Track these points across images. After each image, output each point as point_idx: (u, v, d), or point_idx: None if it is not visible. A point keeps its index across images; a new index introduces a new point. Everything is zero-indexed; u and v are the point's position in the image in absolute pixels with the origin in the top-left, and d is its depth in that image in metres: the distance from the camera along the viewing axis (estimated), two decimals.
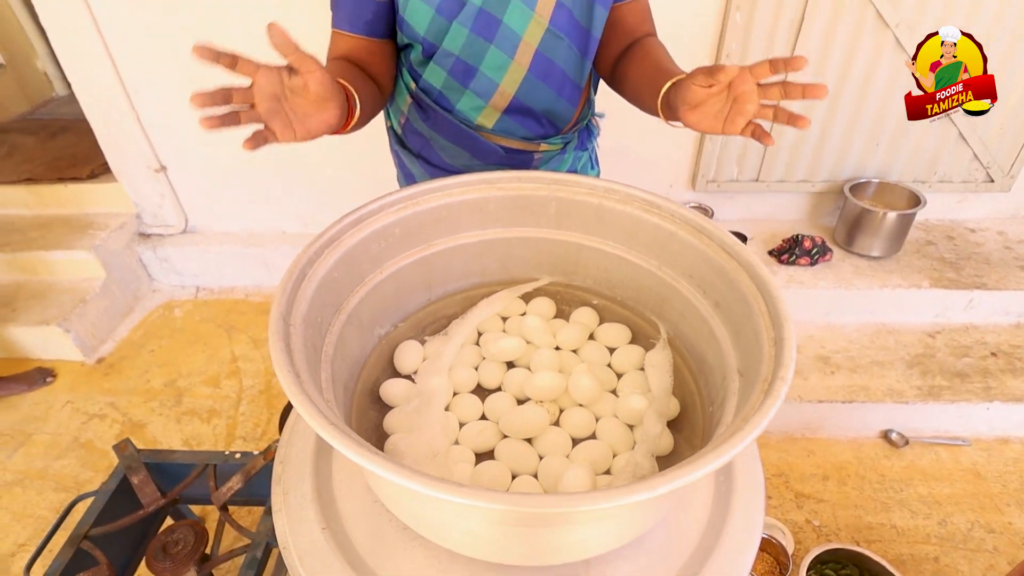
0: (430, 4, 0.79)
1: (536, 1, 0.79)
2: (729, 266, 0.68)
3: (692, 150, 1.98)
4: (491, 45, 0.82)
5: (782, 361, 0.52)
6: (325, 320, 0.67)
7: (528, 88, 0.87)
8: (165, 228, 2.25)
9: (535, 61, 0.84)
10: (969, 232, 2.09)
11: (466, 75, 0.85)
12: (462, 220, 0.83)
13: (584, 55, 0.86)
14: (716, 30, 1.74)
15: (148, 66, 1.89)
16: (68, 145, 2.51)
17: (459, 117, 0.90)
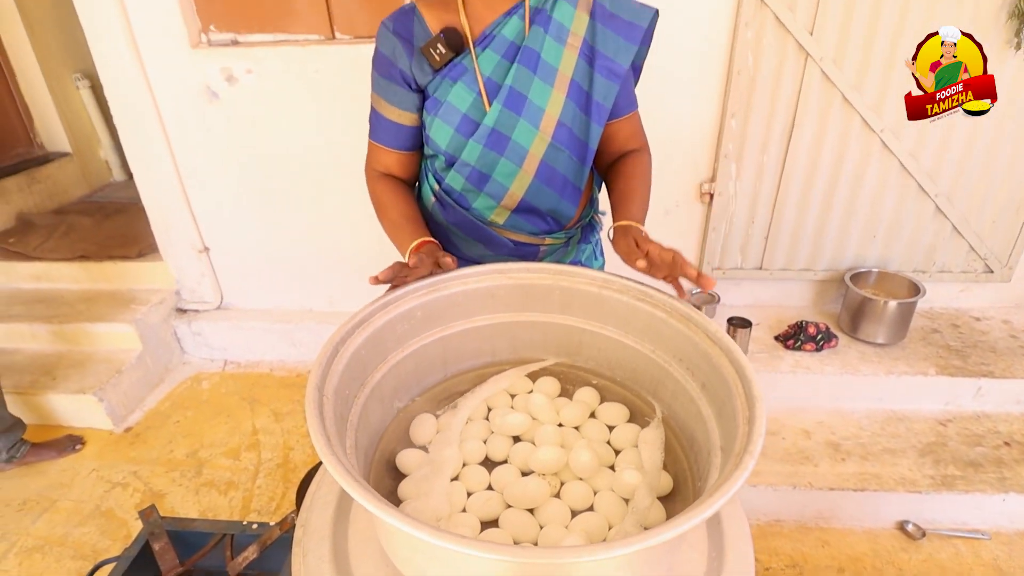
0: (450, 125, 0.94)
1: (540, 121, 0.94)
2: (713, 351, 0.76)
3: (697, 239, 2.10)
4: (502, 157, 0.96)
5: (752, 437, 0.59)
6: (352, 392, 0.75)
7: (534, 191, 1.00)
8: (201, 304, 2.40)
9: (540, 169, 0.98)
10: (974, 321, 2.13)
11: (481, 181, 0.99)
12: (476, 305, 0.93)
13: (582, 163, 1.00)
14: (715, 134, 1.91)
15: (203, 157, 2.11)
16: (121, 226, 2.74)
17: (475, 214, 1.04)
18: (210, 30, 1.97)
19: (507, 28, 0.92)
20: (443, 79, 0.93)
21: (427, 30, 0.94)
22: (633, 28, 0.94)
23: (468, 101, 0.93)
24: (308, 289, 2.33)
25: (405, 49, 0.93)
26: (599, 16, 0.93)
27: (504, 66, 0.93)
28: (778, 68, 1.78)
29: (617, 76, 0.94)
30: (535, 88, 0.92)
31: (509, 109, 0.92)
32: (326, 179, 2.09)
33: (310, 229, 2.19)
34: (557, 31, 0.92)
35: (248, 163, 2.10)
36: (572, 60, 0.93)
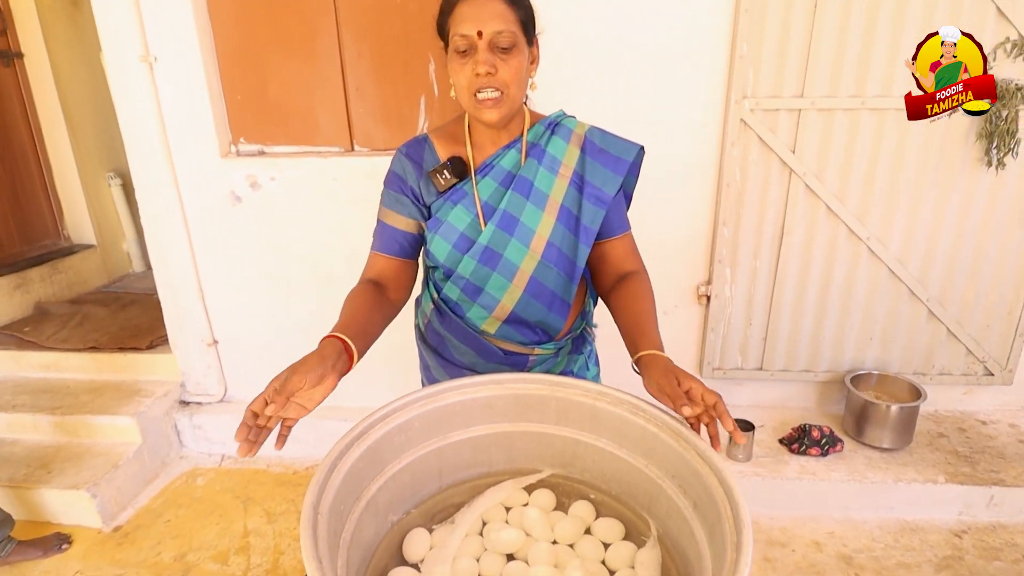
0: (448, 241, 1.03)
1: (531, 240, 1.03)
2: (703, 470, 0.77)
3: (696, 339, 2.14)
4: (494, 272, 1.04)
5: (738, 567, 0.59)
6: (346, 508, 0.76)
7: (523, 304, 1.07)
8: (205, 396, 2.42)
9: (529, 284, 1.05)
10: (980, 424, 2.10)
11: (475, 292, 1.07)
12: (474, 415, 0.95)
13: (571, 280, 1.07)
14: (708, 240, 2.01)
15: (221, 254, 2.22)
16: (134, 317, 2.81)
17: (468, 323, 1.10)
18: (240, 142, 2.15)
19: (505, 159, 1.03)
20: (445, 201, 1.03)
21: (436, 157, 1.05)
22: (620, 162, 1.03)
23: (466, 221, 1.02)
24: None
25: (415, 171, 1.05)
26: (589, 151, 1.03)
27: (500, 192, 1.03)
28: (764, 181, 1.90)
29: (604, 203, 1.03)
30: (527, 212, 1.02)
31: (502, 230, 1.01)
32: (337, 276, 2.17)
33: (319, 323, 2.22)
34: (550, 162, 1.02)
35: (264, 260, 2.20)
36: (563, 188, 1.02)
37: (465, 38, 0.91)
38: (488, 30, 0.90)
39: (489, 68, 0.91)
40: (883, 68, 1.76)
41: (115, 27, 1.99)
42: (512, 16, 0.92)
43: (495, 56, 0.92)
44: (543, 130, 1.04)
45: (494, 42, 0.91)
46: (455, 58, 0.94)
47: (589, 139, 1.04)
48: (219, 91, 2.09)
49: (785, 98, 1.81)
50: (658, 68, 1.83)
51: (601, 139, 1.04)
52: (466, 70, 0.93)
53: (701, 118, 1.87)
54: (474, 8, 0.91)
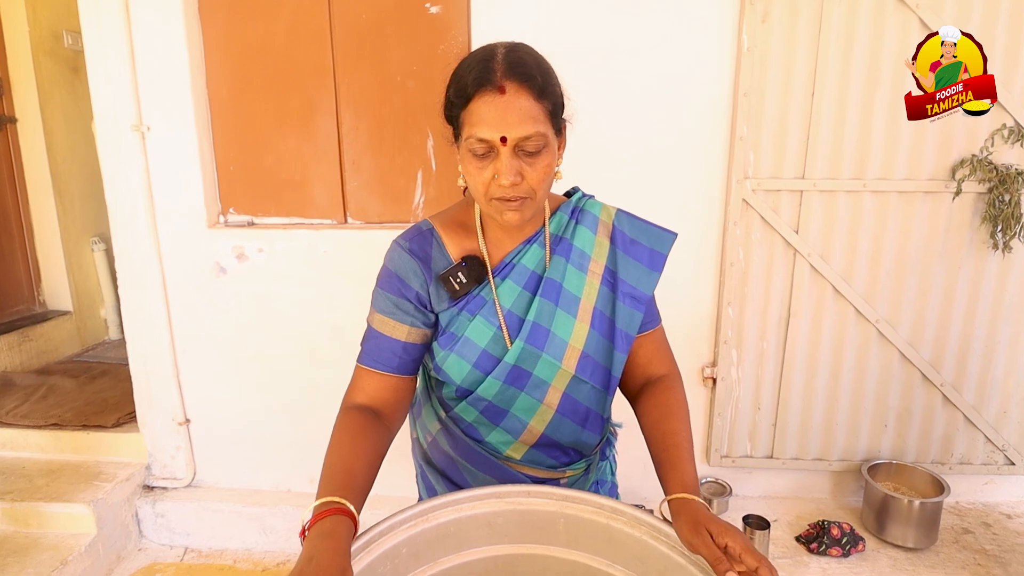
0: (467, 361, 0.88)
1: (564, 354, 0.89)
2: None
3: (703, 425, 2.02)
4: (522, 392, 0.90)
5: None
6: None
7: (555, 425, 0.93)
8: (172, 481, 2.23)
9: (562, 402, 0.92)
10: (1006, 519, 1.97)
11: (497, 415, 0.92)
12: (470, 535, 0.82)
13: (607, 392, 0.94)
14: (713, 320, 1.93)
15: (201, 327, 2.10)
16: (104, 389, 2.64)
17: (488, 448, 0.95)
18: (229, 212, 2.09)
19: (527, 256, 0.89)
20: (460, 311, 0.88)
21: (446, 255, 0.89)
22: (655, 256, 0.92)
23: (488, 336, 0.88)
24: (289, 467, 2.17)
25: (423, 271, 0.87)
26: (620, 242, 0.91)
27: (525, 298, 0.89)
28: (768, 262, 1.86)
29: (640, 303, 0.91)
30: (558, 320, 0.88)
31: (532, 345, 0.87)
32: (322, 354, 2.06)
33: (300, 403, 2.11)
34: (579, 259, 0.90)
35: (246, 335, 2.09)
36: (595, 288, 0.90)
37: (484, 143, 0.76)
38: (514, 135, 0.75)
39: (515, 178, 0.76)
40: (882, 151, 1.76)
41: (110, 95, 1.97)
42: (541, 113, 0.77)
43: (521, 161, 0.77)
44: (567, 219, 0.91)
45: (520, 147, 0.77)
46: (470, 159, 0.79)
47: (618, 228, 0.92)
48: (211, 161, 2.05)
49: (786, 179, 1.80)
50: (660, 149, 1.82)
51: (631, 227, 0.93)
52: (484, 175, 0.78)
53: (703, 198, 1.85)
54: (496, 109, 0.75)
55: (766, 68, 1.72)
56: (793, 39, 1.71)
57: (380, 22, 1.92)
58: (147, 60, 1.94)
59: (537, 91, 0.76)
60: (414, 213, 2.04)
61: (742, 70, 1.72)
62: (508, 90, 0.75)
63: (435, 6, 1.89)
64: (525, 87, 0.76)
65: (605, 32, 1.77)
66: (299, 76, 1.98)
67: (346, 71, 1.96)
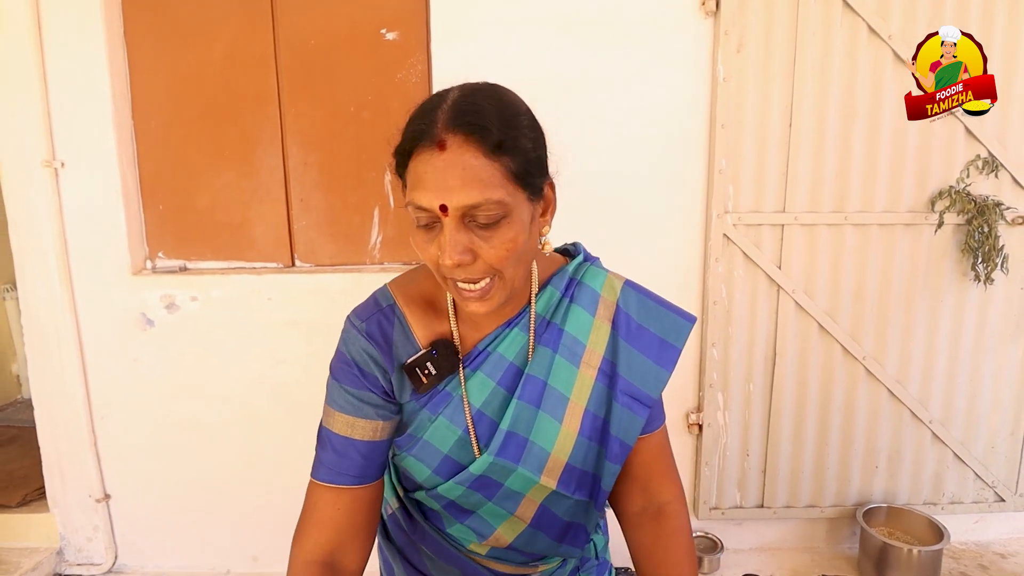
0: (426, 465, 0.74)
1: (544, 465, 0.72)
2: None
3: (689, 475, 1.88)
4: (489, 502, 0.75)
5: None
6: None
7: (527, 538, 0.78)
8: (89, 567, 1.91)
9: (537, 515, 0.76)
10: (1000, 559, 1.90)
11: (461, 514, 0.77)
12: None
13: (594, 503, 0.78)
14: (697, 363, 1.82)
15: (122, 390, 1.83)
16: (10, 459, 2.31)
17: (450, 540, 0.80)
18: (158, 257, 1.85)
19: (505, 344, 0.72)
20: (422, 408, 0.72)
21: (412, 339, 0.73)
22: (666, 349, 0.74)
23: (451, 440, 0.72)
24: (228, 546, 1.90)
25: (384, 359, 0.71)
26: (623, 329, 0.73)
27: (499, 397, 0.72)
28: (752, 299, 1.76)
29: (644, 407, 0.74)
30: (539, 426, 0.71)
31: (505, 459, 0.71)
32: (262, 416, 1.82)
33: (239, 473, 1.85)
34: (570, 348, 0.72)
35: (176, 395, 1.83)
36: (588, 385, 0.73)
37: (424, 212, 0.60)
38: (456, 202, 0.58)
39: (460, 257, 0.59)
40: (861, 183, 1.71)
41: (15, 127, 1.72)
42: (497, 174, 0.58)
43: (470, 235, 0.60)
44: (559, 296, 0.73)
45: (469, 216, 0.59)
46: (415, 230, 0.63)
47: (623, 310, 0.74)
48: (137, 200, 1.82)
49: (767, 213, 1.72)
50: (636, 185, 1.71)
51: (639, 309, 0.75)
52: (431, 251, 0.62)
53: (683, 235, 1.74)
54: (434, 170, 0.58)
55: (743, 99, 1.65)
56: (769, 70, 1.65)
57: (331, 48, 1.76)
58: (62, 87, 1.71)
59: (490, 146, 0.58)
60: (371, 255, 1.85)
61: (718, 101, 1.65)
62: (449, 145, 0.57)
63: (391, 32, 1.75)
64: (472, 141, 0.58)
65: (576, 64, 1.66)
66: (239, 106, 1.79)
67: (293, 101, 1.79)
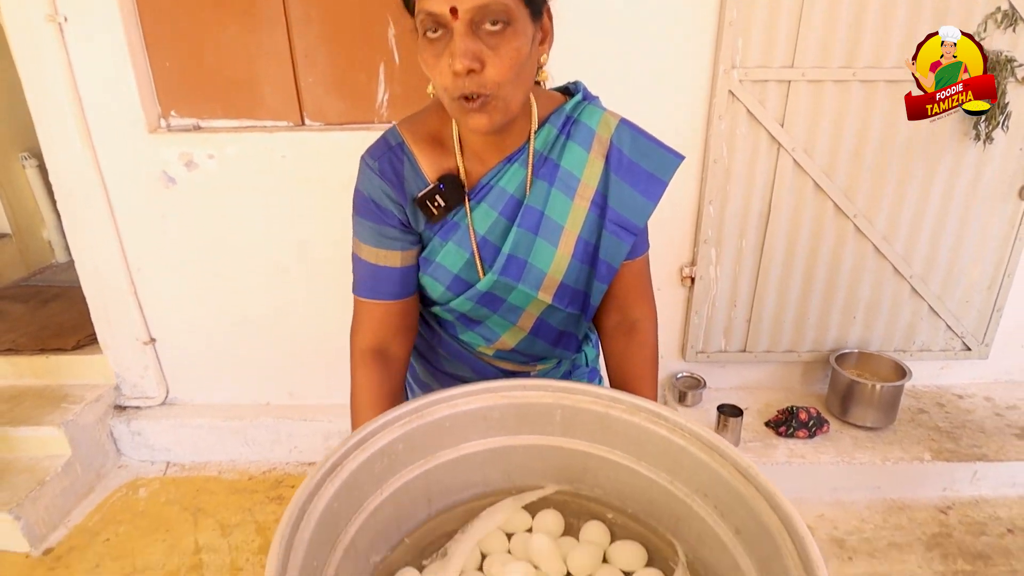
0: (440, 283, 0.85)
1: (541, 283, 0.84)
2: (747, 492, 0.65)
3: (680, 323, 2.05)
4: (495, 315, 0.88)
5: None
6: (320, 563, 0.61)
7: (527, 343, 0.93)
8: (144, 400, 2.18)
9: (536, 326, 0.90)
10: (957, 399, 2.11)
11: (471, 324, 0.91)
12: (466, 429, 0.81)
13: (584, 315, 0.91)
14: (694, 219, 1.90)
15: (154, 244, 1.97)
16: (58, 313, 2.51)
17: (463, 343, 0.95)
18: (171, 115, 1.89)
19: (506, 178, 0.80)
20: (434, 236, 0.83)
21: (420, 175, 0.80)
22: (653, 183, 0.81)
23: (460, 262, 0.83)
24: (266, 382, 2.14)
25: (397, 195, 0.80)
26: (615, 164, 0.80)
27: (502, 226, 0.81)
28: (752, 157, 1.80)
29: (630, 234, 0.83)
30: (537, 251, 0.82)
31: (506, 277, 0.82)
32: (289, 264, 1.96)
33: (270, 317, 2.04)
34: (565, 182, 0.80)
35: (205, 249, 1.97)
36: (582, 215, 0.81)
37: (433, 17, 0.62)
38: (465, 5, 0.61)
39: (470, 63, 0.63)
40: (874, 36, 1.68)
41: None
42: None
43: (479, 43, 0.63)
44: (556, 133, 0.79)
45: (475, 21, 0.62)
46: (425, 47, 0.66)
47: (616, 146, 0.80)
48: (143, 57, 1.82)
49: (775, 68, 1.71)
50: (643, 37, 1.69)
51: (632, 146, 0.80)
52: (441, 65, 0.65)
53: (688, 91, 1.75)
54: None
55: None
56: None
57: None
58: None
59: None
60: (378, 113, 1.89)
61: None
62: None
63: None
64: None
65: None
66: None
67: None
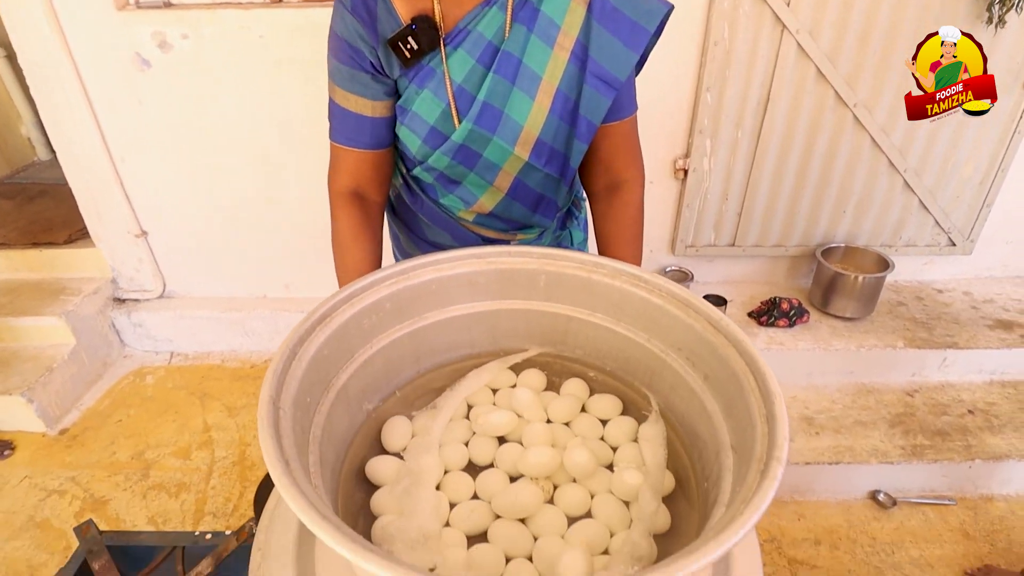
0: (416, 135, 0.83)
1: (517, 138, 0.82)
2: (717, 341, 0.69)
3: (671, 217, 2.05)
4: (471, 172, 0.86)
5: (776, 440, 0.53)
6: (314, 399, 0.65)
7: (505, 206, 0.92)
8: (142, 293, 2.21)
9: (513, 187, 0.89)
10: (937, 293, 2.17)
11: (449, 184, 0.90)
12: (452, 293, 0.83)
13: (562, 179, 0.90)
14: (690, 108, 1.85)
15: (135, 132, 1.91)
16: (46, 209, 2.49)
17: (443, 208, 0.95)
18: None
19: (484, 22, 0.77)
20: (410, 83, 0.80)
21: (394, 15, 0.78)
22: (637, 31, 0.78)
23: (436, 113, 0.81)
24: (261, 274, 2.17)
25: (369, 35, 0.78)
26: (598, 12, 0.76)
27: (478, 73, 0.79)
28: (754, 40, 1.72)
29: (611, 88, 0.80)
30: (513, 101, 0.79)
31: (481, 128, 0.80)
32: (277, 153, 1.92)
33: (262, 209, 2.03)
34: (545, 29, 0.77)
35: (188, 137, 1.92)
36: (560, 65, 0.78)
37: None
38: None
39: None
40: None
41: None
42: None
43: None
44: None
45: None
46: None
47: None
48: None
49: None
50: None
51: None
52: None
53: None
54: None
55: None
56: None
57: None
58: None
59: None
60: None
61: None
62: None
63: None
64: None
65: None
66: None
67: None
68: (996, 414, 1.81)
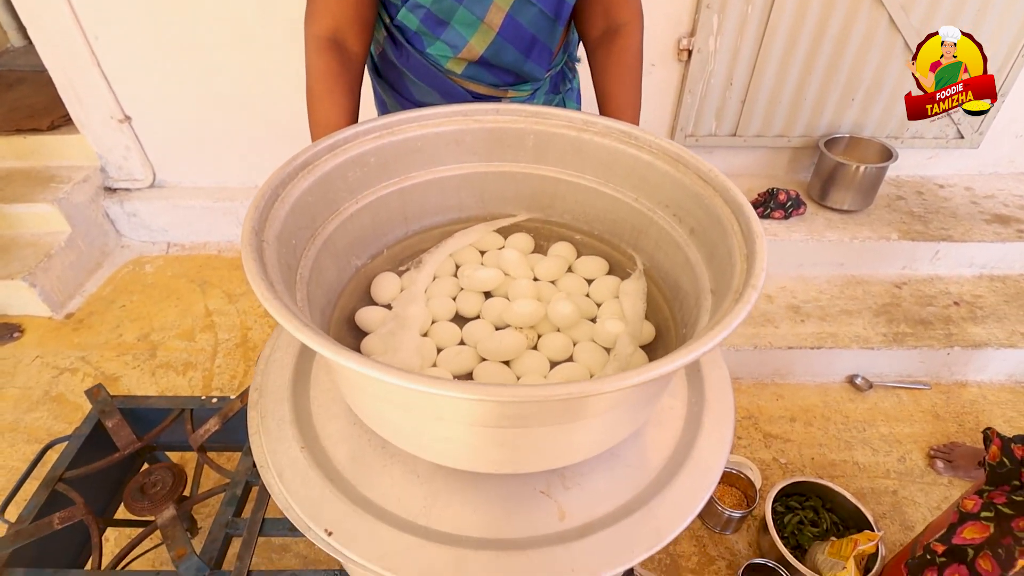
0: None
1: None
2: (705, 192, 0.69)
3: (671, 104, 1.98)
4: (460, 6, 0.81)
5: (753, 271, 0.54)
6: (300, 242, 0.66)
7: (496, 48, 0.87)
8: (132, 182, 2.18)
9: (504, 24, 0.84)
10: (938, 188, 2.14)
11: (438, 26, 0.85)
12: (439, 152, 0.82)
13: (557, 19, 0.85)
14: None
15: (108, 12, 1.80)
16: (25, 96, 2.40)
17: (430, 60, 0.91)
18: None
19: None
20: None
21: None
22: None
23: None
24: (252, 163, 2.13)
25: None
26: None
27: None
28: None
29: None
30: None
31: None
32: (257, 37, 1.82)
33: (249, 93, 1.95)
34: None
35: (166, 16, 1.80)
36: None
37: None
38: None
39: None
40: None
41: None
42: None
43: None
44: None
45: None
46: None
47: None
48: None
49: None
50: None
51: None
52: None
53: None
54: None
55: None
56: None
57: None
58: None
59: None
60: None
61: None
62: None
63: None
64: None
65: None
66: None
67: None
68: (981, 306, 1.85)
